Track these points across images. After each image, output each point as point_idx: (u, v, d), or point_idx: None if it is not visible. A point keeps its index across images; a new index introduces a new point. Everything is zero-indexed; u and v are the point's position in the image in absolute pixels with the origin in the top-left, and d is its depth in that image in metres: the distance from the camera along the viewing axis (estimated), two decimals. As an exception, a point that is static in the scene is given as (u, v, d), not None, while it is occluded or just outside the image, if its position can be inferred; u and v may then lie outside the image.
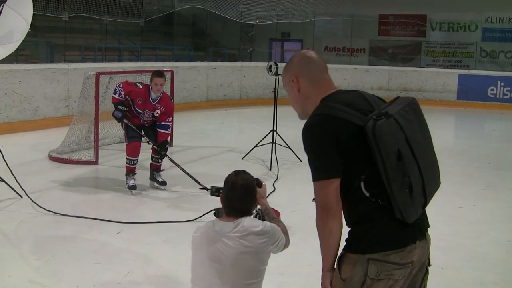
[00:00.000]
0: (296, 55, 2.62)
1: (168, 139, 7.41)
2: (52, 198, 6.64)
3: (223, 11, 17.82)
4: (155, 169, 7.29)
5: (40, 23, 14.28)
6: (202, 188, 6.78)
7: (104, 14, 14.91)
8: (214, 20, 19.45)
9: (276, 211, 3.23)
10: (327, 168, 2.32)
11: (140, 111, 7.03)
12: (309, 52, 2.61)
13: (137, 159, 7.11)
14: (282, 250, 3.00)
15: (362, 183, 2.31)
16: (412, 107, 2.42)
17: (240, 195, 2.94)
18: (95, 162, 8.46)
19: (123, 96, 6.95)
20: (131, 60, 16.97)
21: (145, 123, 7.15)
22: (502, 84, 17.32)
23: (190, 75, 15.41)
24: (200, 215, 6.01)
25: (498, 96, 17.37)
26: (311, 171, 2.38)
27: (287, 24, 20.49)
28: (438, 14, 21.38)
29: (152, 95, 7.00)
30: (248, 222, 2.90)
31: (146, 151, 7.53)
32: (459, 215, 6.65)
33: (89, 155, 8.65)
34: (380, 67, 18.92)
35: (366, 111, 2.36)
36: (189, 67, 15.61)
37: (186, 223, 5.89)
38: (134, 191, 6.98)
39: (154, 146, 7.12)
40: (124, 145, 7.44)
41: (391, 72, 18.24)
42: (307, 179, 2.71)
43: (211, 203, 6.40)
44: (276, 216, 3.15)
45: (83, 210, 6.17)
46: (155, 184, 7.28)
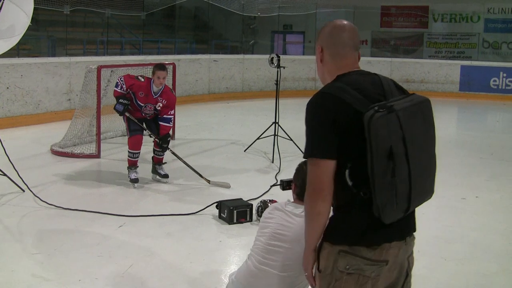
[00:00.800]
0: (328, 24, 2.50)
1: (170, 132, 7.40)
2: (54, 192, 6.64)
3: (225, 4, 17.77)
4: (157, 162, 7.29)
5: (42, 17, 14.27)
6: (208, 181, 6.80)
7: (105, 8, 14.84)
8: (216, 13, 19.39)
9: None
10: (321, 147, 2.24)
11: (142, 105, 7.02)
12: (341, 24, 2.47)
13: (139, 152, 7.11)
14: None
15: (347, 171, 2.23)
16: (422, 108, 2.31)
17: None
18: (97, 156, 8.46)
19: (125, 89, 6.94)
20: (133, 53, 16.94)
21: (147, 116, 7.14)
22: (505, 75, 17.27)
23: (192, 68, 15.40)
24: (202, 207, 6.02)
25: (500, 87, 17.32)
26: (305, 146, 2.30)
27: (289, 16, 20.42)
28: (440, 5, 21.33)
29: (154, 88, 6.98)
30: None
31: (148, 144, 7.53)
32: (462, 206, 6.64)
33: (91, 148, 8.65)
34: (382, 59, 18.87)
35: (375, 99, 2.26)
36: (191, 60, 15.59)
37: (188, 216, 5.90)
38: (136, 184, 6.98)
39: (156, 139, 7.11)
40: (126, 138, 7.44)
41: (393, 64, 18.21)
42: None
43: (214, 195, 6.44)
44: None
45: (85, 204, 6.17)
46: (157, 177, 7.28)
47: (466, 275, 4.75)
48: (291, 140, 8.81)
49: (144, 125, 7.14)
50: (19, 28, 6.65)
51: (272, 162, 8.36)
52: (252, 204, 5.83)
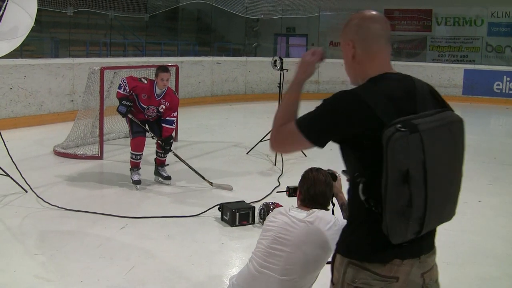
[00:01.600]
0: (356, 16, 2.29)
1: (173, 134, 7.40)
2: (57, 193, 6.65)
3: (228, 6, 17.79)
4: (160, 164, 7.29)
5: (45, 18, 14.29)
6: (210, 183, 6.80)
7: (109, 9, 14.88)
8: (219, 15, 19.39)
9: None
10: (313, 129, 2.15)
11: (145, 107, 7.03)
12: (371, 14, 2.28)
13: (141, 154, 7.11)
14: None
15: (361, 185, 2.10)
16: (452, 130, 2.10)
17: (322, 190, 3.28)
18: (100, 157, 8.47)
19: (128, 91, 6.94)
20: (136, 55, 16.97)
21: (149, 118, 7.15)
22: (508, 79, 17.26)
23: (195, 70, 15.41)
24: (204, 209, 6.02)
25: (504, 91, 17.31)
26: (304, 115, 2.19)
27: (292, 19, 20.42)
28: (443, 9, 21.30)
29: (157, 91, 6.99)
30: (321, 213, 3.19)
31: (150, 146, 7.54)
32: (464, 210, 6.62)
33: (93, 150, 8.66)
34: (386, 62, 18.81)
35: (404, 111, 2.06)
36: (194, 62, 15.60)
37: (190, 218, 5.90)
38: (138, 186, 6.98)
39: (158, 141, 7.12)
40: (128, 140, 7.44)
41: (396, 67, 17.59)
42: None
43: (216, 198, 6.44)
44: None
45: (87, 205, 6.17)
46: (160, 179, 7.29)
47: (468, 279, 4.74)
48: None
49: (147, 127, 7.14)
50: (22, 29, 6.67)
51: (275, 165, 8.36)
52: (254, 207, 5.83)
